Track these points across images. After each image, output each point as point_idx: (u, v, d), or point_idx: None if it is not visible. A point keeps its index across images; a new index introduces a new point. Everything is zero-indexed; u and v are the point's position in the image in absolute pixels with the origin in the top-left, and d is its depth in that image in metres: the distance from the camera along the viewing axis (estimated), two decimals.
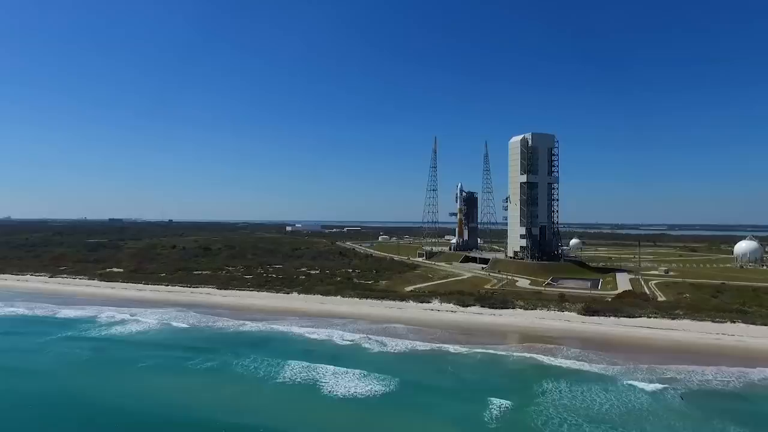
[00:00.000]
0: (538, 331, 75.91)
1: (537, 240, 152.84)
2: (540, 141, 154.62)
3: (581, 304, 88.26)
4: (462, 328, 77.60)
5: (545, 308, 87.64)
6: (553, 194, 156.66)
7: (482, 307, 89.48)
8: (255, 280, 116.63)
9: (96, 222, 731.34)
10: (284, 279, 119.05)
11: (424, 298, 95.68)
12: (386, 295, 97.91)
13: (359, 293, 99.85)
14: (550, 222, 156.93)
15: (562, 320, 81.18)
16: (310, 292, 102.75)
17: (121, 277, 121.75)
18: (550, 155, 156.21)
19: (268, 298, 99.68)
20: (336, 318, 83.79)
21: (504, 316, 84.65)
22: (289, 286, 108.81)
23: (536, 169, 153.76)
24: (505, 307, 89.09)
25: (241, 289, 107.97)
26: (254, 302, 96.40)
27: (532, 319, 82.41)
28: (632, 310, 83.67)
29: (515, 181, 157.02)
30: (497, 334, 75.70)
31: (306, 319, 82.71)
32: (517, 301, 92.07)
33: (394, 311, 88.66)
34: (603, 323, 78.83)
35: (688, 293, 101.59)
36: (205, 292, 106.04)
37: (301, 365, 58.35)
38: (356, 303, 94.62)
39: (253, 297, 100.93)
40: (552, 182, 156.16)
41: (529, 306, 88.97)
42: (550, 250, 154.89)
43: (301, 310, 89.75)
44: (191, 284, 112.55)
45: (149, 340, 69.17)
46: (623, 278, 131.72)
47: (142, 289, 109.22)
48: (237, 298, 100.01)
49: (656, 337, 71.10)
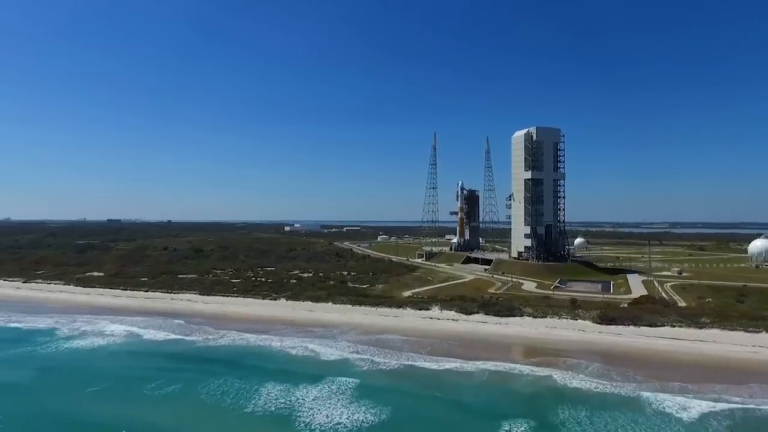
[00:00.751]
0: (550, 343, 67.31)
1: (542, 240, 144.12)
2: (545, 135, 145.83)
3: (596, 311, 79.68)
4: (465, 340, 69.02)
5: (556, 316, 79.06)
6: (559, 191, 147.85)
7: (487, 315, 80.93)
8: (242, 285, 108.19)
9: (94, 223, 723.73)
10: (273, 283, 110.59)
11: (423, 304, 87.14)
12: (381, 302, 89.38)
13: (352, 299, 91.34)
14: (556, 221, 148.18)
15: (576, 330, 72.59)
16: (299, 298, 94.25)
17: (99, 282, 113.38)
18: (555, 150, 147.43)
19: (253, 305, 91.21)
20: (324, 328, 75.28)
21: (511, 325, 76.08)
22: (278, 292, 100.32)
23: (541, 164, 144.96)
24: (512, 314, 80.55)
25: (226, 294, 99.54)
26: (237, 310, 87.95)
27: (543, 328, 73.84)
28: (653, 318, 75.05)
29: (519, 178, 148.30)
30: (504, 347, 67.11)
31: (291, 330, 74.23)
32: (524, 307, 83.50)
33: (389, 320, 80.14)
34: (622, 333, 70.20)
35: (709, 297, 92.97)
36: (186, 298, 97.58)
37: (277, 389, 49.91)
38: (348, 310, 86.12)
39: (237, 304, 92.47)
40: (558, 179, 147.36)
41: (538, 313, 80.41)
42: (556, 251, 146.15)
43: (287, 319, 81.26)
44: (173, 289, 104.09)
45: (109, 358, 60.67)
46: (635, 280, 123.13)
47: (118, 296, 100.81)
48: (219, 305, 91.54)
49: (684, 351, 62.41)
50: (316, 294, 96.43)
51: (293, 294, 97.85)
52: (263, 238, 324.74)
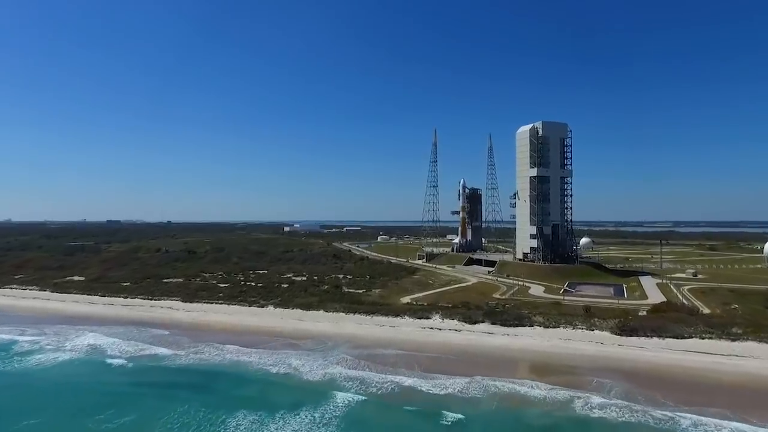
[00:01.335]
0: (566, 358, 59.13)
1: (549, 240, 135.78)
2: (551, 130, 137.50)
3: (614, 320, 71.48)
4: (469, 355, 60.87)
5: (570, 326, 70.88)
6: (567, 189, 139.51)
7: (493, 325, 72.79)
8: (229, 290, 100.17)
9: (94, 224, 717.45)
10: (263, 288, 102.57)
11: (423, 312, 79.00)
12: (377, 309, 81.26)
13: (345, 307, 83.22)
14: (563, 220, 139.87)
15: (594, 342, 64.37)
16: (288, 305, 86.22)
17: (77, 288, 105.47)
18: (562, 146, 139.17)
19: (238, 314, 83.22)
20: (313, 340, 67.19)
21: (520, 336, 67.90)
22: (266, 298, 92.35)
23: (547, 161, 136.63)
24: (521, 324, 72.37)
25: (210, 301, 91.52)
26: (220, 319, 79.96)
27: (556, 340, 65.64)
28: (678, 328, 66.80)
29: (524, 176, 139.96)
30: (514, 363, 58.96)
31: (275, 343, 66.16)
32: (534, 316, 75.33)
33: (385, 331, 72.05)
34: (645, 347, 61.98)
35: (734, 303, 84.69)
36: (167, 305, 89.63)
37: (249, 419, 41.98)
38: (341, 319, 78.05)
39: (221, 312, 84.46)
40: (565, 176, 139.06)
41: (550, 322, 72.24)
42: (563, 251, 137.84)
43: (272, 330, 73.25)
44: (154, 296, 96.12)
45: (61, 380, 52.52)
46: (649, 283, 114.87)
47: (94, 303, 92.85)
48: (201, 314, 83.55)
49: (722, 369, 54.12)
50: (308, 300, 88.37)
51: (283, 300, 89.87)
52: (261, 239, 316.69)
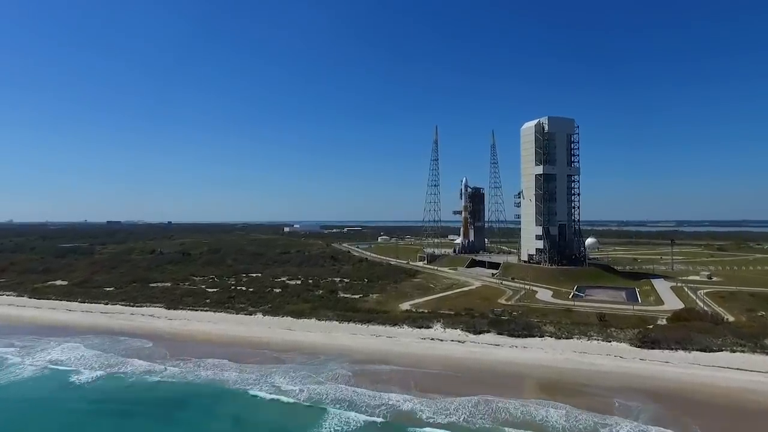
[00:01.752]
0: (584, 375, 52.51)
1: (556, 241, 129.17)
2: (557, 126, 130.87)
3: (632, 330, 64.86)
4: (474, 372, 54.30)
5: (584, 336, 64.26)
6: (574, 188, 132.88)
7: (499, 335, 66.23)
8: (217, 296, 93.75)
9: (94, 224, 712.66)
10: (253, 293, 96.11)
11: (423, 321, 72.42)
12: (374, 318, 74.68)
13: (339, 314, 76.68)
14: (570, 220, 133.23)
15: (612, 356, 57.74)
16: (278, 313, 79.78)
17: (57, 293, 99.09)
18: (569, 142, 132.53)
19: (224, 322, 76.76)
20: (301, 354, 60.67)
21: (530, 349, 61.26)
22: (256, 304, 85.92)
23: (554, 158, 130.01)
24: (530, 334, 65.73)
25: (195, 308, 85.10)
26: (203, 328, 73.52)
27: (570, 353, 59.01)
28: (704, 339, 60.11)
29: (529, 174, 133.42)
30: (525, 381, 52.40)
31: (260, 356, 59.67)
32: (544, 325, 68.68)
33: (381, 342, 65.50)
34: (671, 361, 55.34)
35: (760, 310, 78.02)
36: (149, 313, 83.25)
37: None
38: (334, 329, 71.56)
39: (205, 320, 78.01)
40: (572, 174, 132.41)
41: (562, 332, 65.63)
42: (570, 253, 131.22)
43: (258, 341, 66.79)
44: (136, 302, 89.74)
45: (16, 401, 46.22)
46: (662, 286, 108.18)
47: (72, 310, 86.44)
48: (184, 323, 77.15)
49: (763, 390, 47.50)
50: (299, 308, 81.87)
51: (273, 307, 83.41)
52: (259, 240, 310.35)
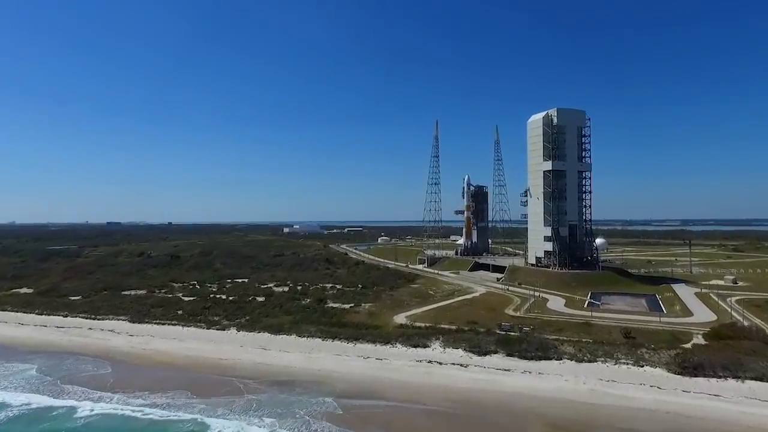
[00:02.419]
0: (618, 414, 41.88)
1: (566, 242, 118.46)
2: (567, 118, 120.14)
3: (666, 351, 54.21)
4: (481, 408, 43.76)
5: (610, 358, 53.69)
6: (585, 185, 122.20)
7: (509, 357, 55.75)
8: (192, 306, 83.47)
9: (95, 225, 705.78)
10: (232, 303, 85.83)
11: (420, 338, 61.94)
12: (362, 334, 64.13)
13: (324, 330, 66.20)
14: (581, 220, 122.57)
15: (648, 386, 47.18)
16: (254, 327, 69.47)
17: (17, 303, 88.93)
18: (580, 136, 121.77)
19: (191, 339, 66.50)
20: (271, 383, 50.33)
21: (547, 375, 50.76)
22: (232, 317, 75.67)
23: (563, 153, 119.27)
24: (546, 356, 55.20)
25: (163, 321, 74.90)
26: (165, 347, 63.34)
27: (595, 382, 48.52)
28: (757, 364, 49.33)
29: (536, 170, 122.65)
30: (546, 423, 41.88)
31: (224, 385, 49.41)
32: (561, 344, 58.04)
33: (369, 366, 55.13)
34: (723, 395, 44.75)
35: None
36: (110, 327, 73.07)
37: None
38: (316, 348, 61.21)
39: (171, 336, 67.81)
40: (583, 170, 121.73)
41: (583, 354, 55.09)
42: (581, 255, 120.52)
43: (225, 364, 56.54)
44: (99, 314, 79.63)
45: None
46: (685, 292, 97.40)
47: (25, 324, 76.40)
48: (146, 340, 66.97)
49: None
50: (279, 321, 71.50)
51: (250, 321, 73.13)
52: (256, 241, 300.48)
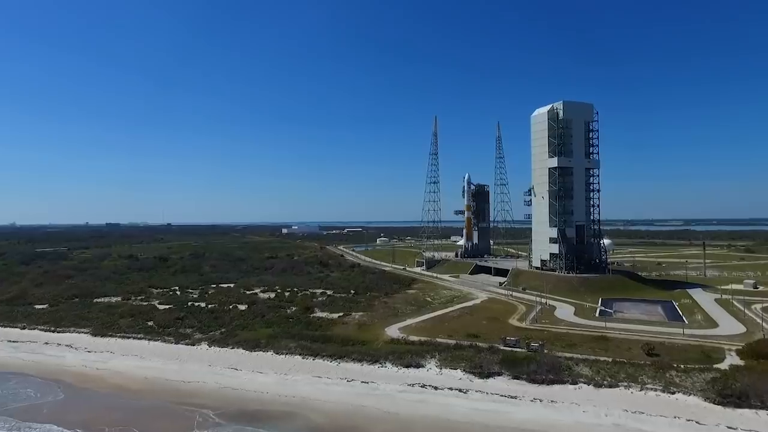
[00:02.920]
0: None
1: (573, 244, 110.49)
2: (574, 112, 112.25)
3: (700, 375, 46.16)
4: None
5: (634, 382, 45.62)
6: (593, 183, 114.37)
7: (516, 380, 47.71)
8: (165, 316, 75.35)
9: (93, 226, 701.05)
10: (210, 313, 77.88)
11: (413, 356, 53.83)
12: (348, 352, 55.98)
13: (305, 347, 58.05)
14: (589, 220, 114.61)
15: (684, 420, 39.04)
16: (227, 342, 61.42)
17: None
18: (587, 131, 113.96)
19: (155, 357, 58.45)
20: (233, 415, 42.32)
21: (561, 405, 42.61)
22: (206, 329, 67.73)
23: (570, 149, 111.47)
24: (559, 379, 47.11)
25: (129, 334, 66.86)
26: (123, 367, 55.29)
27: (620, 414, 40.41)
28: None
29: (541, 167, 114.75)
30: None
31: (179, 419, 41.45)
32: (576, 365, 49.88)
33: (353, 391, 47.05)
34: None
35: None
36: (69, 342, 65.10)
37: None
38: (294, 368, 53.17)
39: (133, 353, 59.79)
40: (591, 167, 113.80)
41: (601, 376, 47.00)
42: (589, 258, 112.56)
43: (187, 389, 48.49)
44: (60, 326, 71.78)
45: None
46: (704, 299, 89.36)
47: None
48: (105, 357, 58.97)
49: None
50: (256, 335, 63.43)
51: (225, 334, 65.16)
52: (252, 243, 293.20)
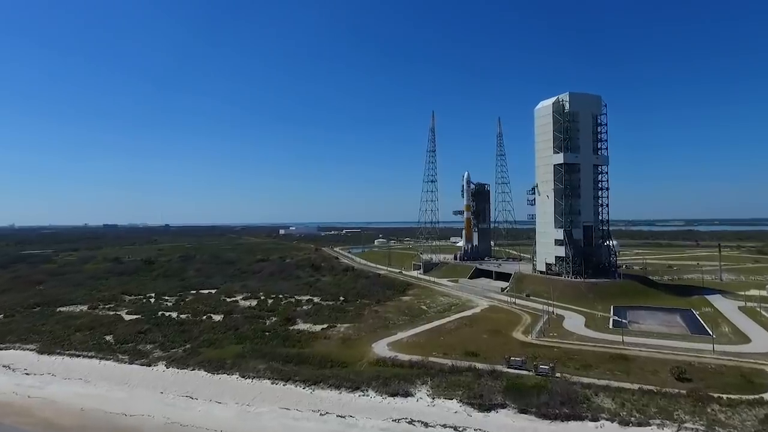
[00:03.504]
0: None
1: (580, 247, 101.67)
2: (581, 104, 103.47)
3: (750, 411, 37.54)
4: None
5: (669, 420, 36.90)
6: (602, 180, 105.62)
7: (522, 414, 39.05)
8: (126, 330, 66.75)
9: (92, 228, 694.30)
10: (179, 325, 69.24)
11: (401, 382, 45.11)
12: (326, 376, 47.19)
13: (275, 369, 49.35)
14: (597, 220, 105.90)
15: None
16: (188, 362, 52.72)
17: None
18: (595, 125, 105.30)
19: (102, 381, 49.83)
20: None
21: None
22: (168, 345, 59.12)
23: (577, 145, 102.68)
24: (575, 413, 38.38)
25: (80, 352, 57.99)
26: (61, 395, 46.73)
27: None
28: None
29: (546, 164, 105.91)
30: None
31: None
32: (595, 394, 41.19)
33: (326, 429, 38.44)
34: None
35: None
36: (8, 361, 56.39)
37: None
38: (260, 396, 44.51)
39: (77, 376, 51.19)
40: (599, 163, 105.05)
41: (627, 410, 38.31)
42: (598, 261, 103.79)
43: (127, 425, 39.97)
44: (5, 341, 63.04)
45: None
46: (728, 307, 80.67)
47: None
48: (44, 381, 50.45)
49: None
50: (223, 353, 54.78)
51: (188, 351, 56.48)
52: (247, 244, 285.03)
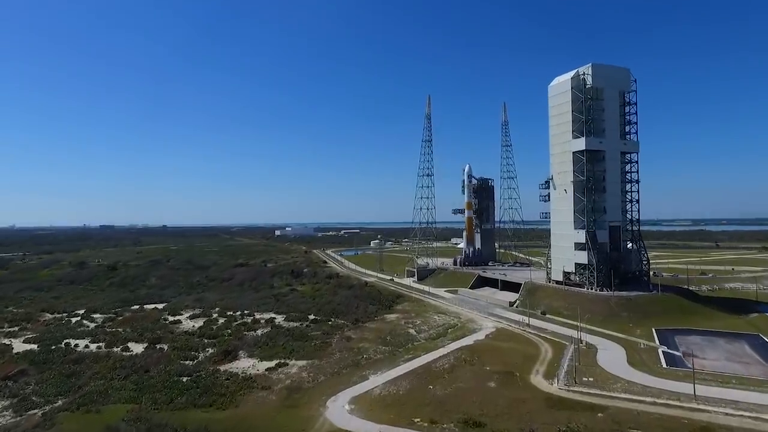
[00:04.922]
0: None
1: (606, 251, 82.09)
2: (606, 79, 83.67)
3: None
4: None
5: None
6: (631, 171, 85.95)
7: None
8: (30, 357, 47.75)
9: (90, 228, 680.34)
10: (73, 363, 50.08)
11: None
12: None
13: None
14: (625, 220, 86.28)
15: None
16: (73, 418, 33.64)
17: None
18: (623, 104, 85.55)
19: None
20: None
21: None
22: (29, 401, 39.96)
23: (601, 128, 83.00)
24: None
25: None
26: None
27: None
28: None
29: (563, 151, 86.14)
30: None
31: None
32: None
33: None
34: None
35: None
36: None
37: None
38: None
39: None
40: (628, 150, 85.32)
41: None
42: (627, 269, 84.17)
43: None
44: None
45: None
46: None
47: None
48: None
49: None
50: (91, 424, 35.54)
51: (48, 415, 37.27)
52: (234, 246, 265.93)
